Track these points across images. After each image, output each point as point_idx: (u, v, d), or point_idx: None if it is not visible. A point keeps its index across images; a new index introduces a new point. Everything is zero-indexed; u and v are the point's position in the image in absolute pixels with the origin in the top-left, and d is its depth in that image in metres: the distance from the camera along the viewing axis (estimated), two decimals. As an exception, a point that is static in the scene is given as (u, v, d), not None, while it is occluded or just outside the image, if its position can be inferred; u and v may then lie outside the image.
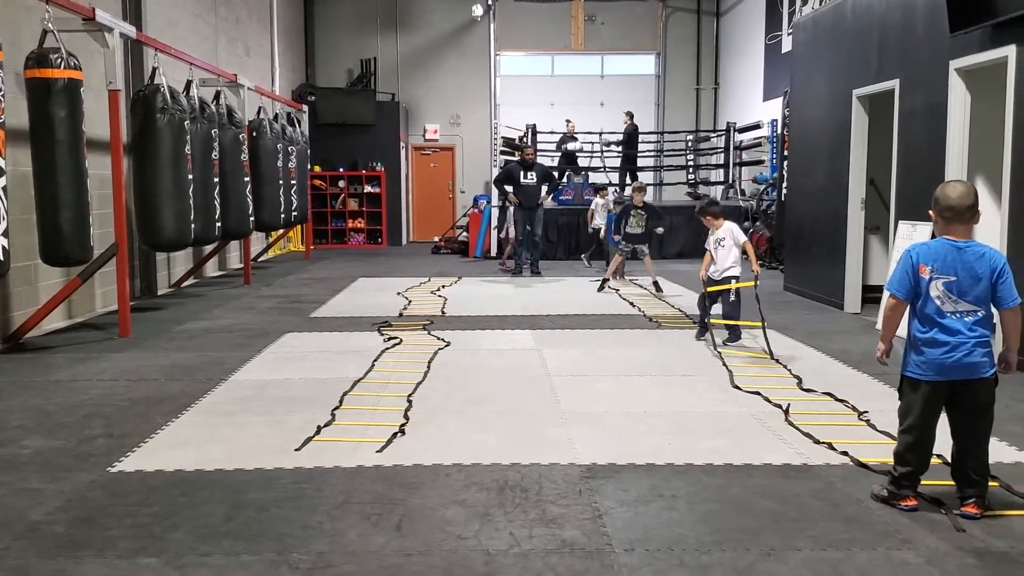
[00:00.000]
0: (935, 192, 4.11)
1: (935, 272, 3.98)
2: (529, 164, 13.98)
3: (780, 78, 16.36)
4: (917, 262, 4.03)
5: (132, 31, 9.18)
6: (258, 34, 17.30)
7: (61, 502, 4.19)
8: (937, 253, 4.02)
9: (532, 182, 13.91)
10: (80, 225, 7.92)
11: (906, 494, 4.11)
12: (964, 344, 3.94)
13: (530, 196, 13.91)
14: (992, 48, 7.45)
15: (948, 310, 3.97)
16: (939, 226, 4.09)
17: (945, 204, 4.01)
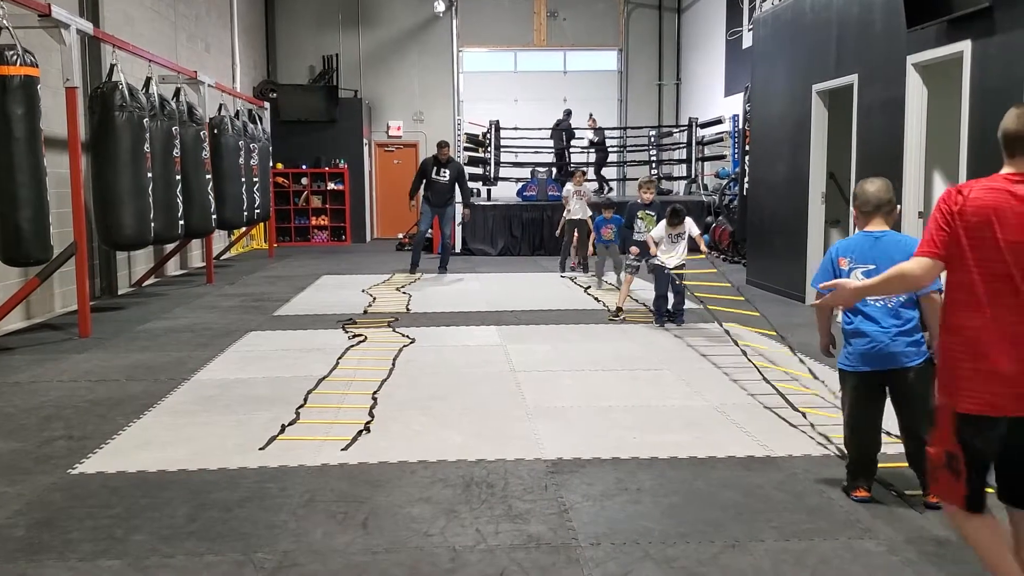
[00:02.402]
0: (854, 190, 4.24)
1: (853, 262, 4.06)
2: (443, 161, 13.50)
3: (741, 73, 16.49)
4: (836, 255, 4.14)
5: (89, 27, 9.05)
6: (218, 30, 17.13)
7: (21, 505, 4.13)
8: (854, 244, 4.15)
9: (444, 179, 13.46)
10: (40, 224, 7.79)
11: (856, 485, 4.17)
12: (886, 332, 4.00)
13: (440, 193, 13.48)
14: (948, 43, 7.57)
15: (870, 299, 4.03)
16: (860, 221, 4.19)
17: (863, 199, 4.12)
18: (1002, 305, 2.73)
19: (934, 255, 2.83)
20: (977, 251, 2.75)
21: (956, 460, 2.80)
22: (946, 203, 2.82)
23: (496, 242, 17.34)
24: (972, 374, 2.76)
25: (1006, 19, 6.80)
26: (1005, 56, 6.81)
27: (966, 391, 2.77)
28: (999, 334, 2.72)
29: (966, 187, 2.83)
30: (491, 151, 18.92)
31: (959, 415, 2.79)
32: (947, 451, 2.82)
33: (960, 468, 2.79)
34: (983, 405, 2.75)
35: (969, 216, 2.76)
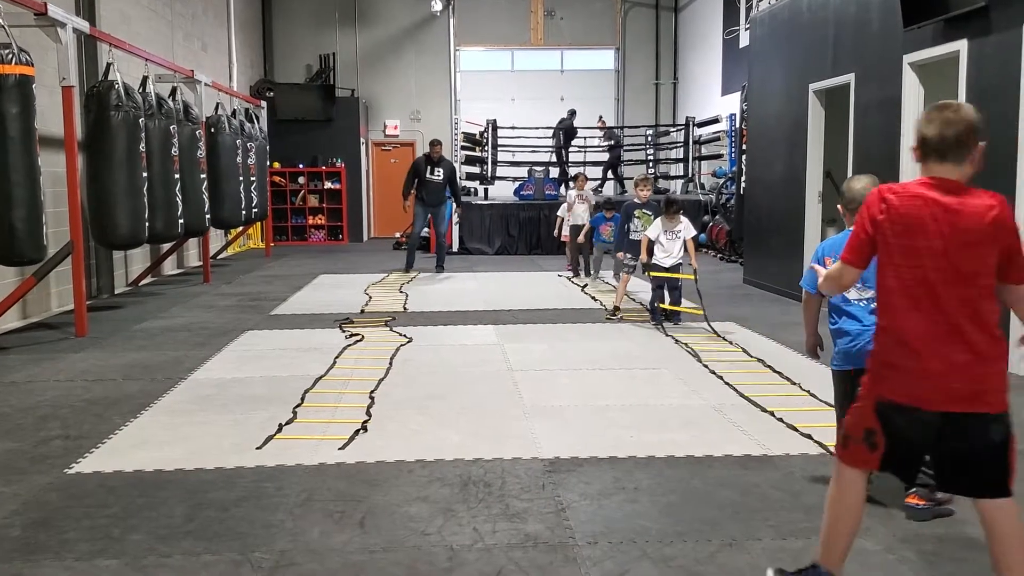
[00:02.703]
0: (842, 188, 4.25)
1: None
2: (436, 160, 13.44)
3: (738, 73, 16.49)
4: (822, 255, 4.12)
5: (85, 26, 9.04)
6: (215, 29, 17.11)
7: (17, 505, 4.13)
8: (840, 243, 4.07)
9: (438, 179, 13.39)
10: (34, 224, 7.77)
11: None
12: (868, 330, 3.93)
13: (433, 193, 13.40)
14: (944, 42, 7.58)
15: (853, 298, 4.04)
16: (848, 219, 4.18)
17: (850, 196, 4.10)
18: (928, 308, 2.81)
19: (852, 263, 2.94)
20: (904, 256, 2.81)
21: (874, 434, 2.89)
22: (870, 209, 2.87)
23: (493, 241, 17.34)
24: (903, 372, 2.85)
25: (1002, 18, 6.81)
26: (1001, 55, 6.82)
27: (895, 383, 2.86)
28: (928, 335, 2.80)
29: (890, 192, 2.87)
30: (488, 150, 18.92)
31: (883, 401, 2.88)
32: (866, 428, 2.91)
33: (878, 442, 2.89)
34: (911, 399, 2.84)
35: (896, 222, 2.81)
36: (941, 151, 2.81)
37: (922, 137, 2.84)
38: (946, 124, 2.80)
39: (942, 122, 2.81)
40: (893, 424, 2.87)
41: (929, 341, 2.80)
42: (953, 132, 2.79)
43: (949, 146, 2.80)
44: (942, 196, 2.79)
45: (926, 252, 2.78)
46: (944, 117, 2.81)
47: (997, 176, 6.82)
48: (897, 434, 2.87)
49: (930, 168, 2.85)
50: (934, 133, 2.81)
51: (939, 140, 2.81)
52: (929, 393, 2.81)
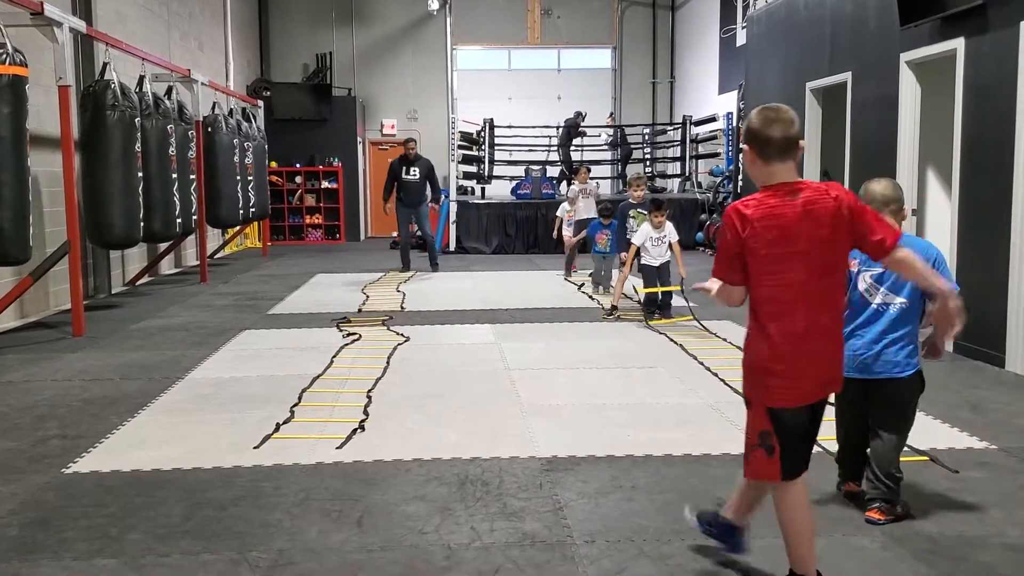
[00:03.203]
0: (859, 191, 4.12)
1: (862, 264, 3.93)
2: (412, 158, 13.22)
3: (735, 71, 16.50)
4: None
5: (82, 26, 9.03)
6: (211, 28, 17.09)
7: (15, 504, 4.12)
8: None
9: (414, 178, 13.16)
10: (20, 224, 7.70)
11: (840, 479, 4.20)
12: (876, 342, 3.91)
13: (411, 192, 13.19)
14: (941, 41, 7.59)
15: (876, 302, 3.93)
16: None
17: (870, 198, 3.96)
18: (801, 309, 2.94)
19: (732, 281, 3.02)
20: (774, 264, 2.92)
21: (769, 436, 3.01)
22: (732, 227, 2.96)
23: (490, 240, 17.33)
24: (782, 374, 2.97)
25: (999, 17, 6.82)
26: (998, 54, 6.83)
27: (777, 389, 2.99)
28: (803, 335, 2.94)
29: (745, 207, 2.97)
30: (485, 149, 18.91)
31: (772, 410, 3.00)
32: (760, 431, 3.03)
33: (773, 444, 3.01)
34: (792, 400, 2.99)
35: (760, 234, 2.91)
36: (784, 150, 2.95)
37: (767, 138, 2.95)
38: (785, 124, 2.94)
39: (781, 123, 2.94)
40: (784, 423, 3.01)
41: (805, 341, 2.94)
42: (793, 132, 2.96)
43: (790, 145, 2.95)
44: (794, 199, 2.93)
45: (793, 256, 2.91)
46: (781, 118, 2.95)
47: (994, 173, 6.85)
48: (787, 430, 3.01)
49: (772, 167, 2.98)
50: (780, 134, 2.94)
51: (784, 140, 2.95)
52: (810, 388, 3.01)
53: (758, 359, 3.02)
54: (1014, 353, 6.64)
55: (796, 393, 2.99)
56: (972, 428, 5.24)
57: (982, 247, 7.06)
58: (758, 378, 3.03)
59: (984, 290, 6.99)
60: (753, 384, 3.06)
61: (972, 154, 7.20)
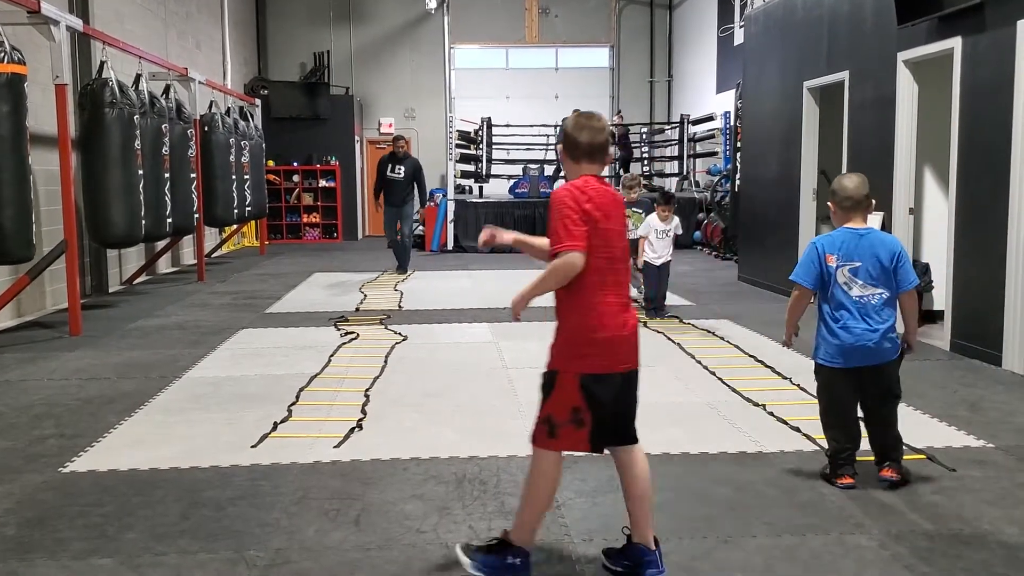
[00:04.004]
0: (832, 186, 4.34)
1: (840, 259, 4.17)
2: (400, 156, 12.89)
3: (733, 70, 16.50)
4: (823, 252, 4.21)
5: (79, 24, 9.01)
6: (209, 27, 17.08)
7: (11, 504, 4.12)
8: (839, 241, 4.22)
9: (399, 176, 12.83)
10: (22, 223, 7.72)
11: (843, 472, 4.25)
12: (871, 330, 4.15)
13: (395, 191, 12.88)
14: (938, 40, 7.59)
15: (855, 295, 4.15)
16: (839, 216, 4.28)
17: (844, 195, 4.23)
18: (612, 284, 3.25)
19: (582, 248, 3.15)
20: (602, 239, 3.19)
21: (581, 412, 3.21)
22: (577, 201, 3.17)
23: (488, 239, 17.30)
24: (600, 341, 3.20)
25: (996, 16, 6.82)
26: (995, 53, 6.83)
27: (594, 356, 3.20)
28: (615, 307, 3.24)
29: (583, 187, 3.21)
30: (483, 148, 18.90)
31: (586, 375, 3.19)
32: (573, 407, 3.21)
33: (584, 419, 3.21)
34: (606, 367, 3.22)
35: (594, 211, 3.18)
36: (589, 153, 3.28)
37: (574, 141, 3.28)
38: (599, 131, 3.29)
39: (596, 130, 3.29)
40: (594, 396, 3.20)
41: (617, 313, 3.25)
42: (599, 139, 3.29)
43: (594, 149, 3.28)
44: (610, 190, 3.33)
45: (613, 235, 3.24)
46: (597, 125, 3.30)
47: (991, 172, 6.85)
48: (598, 404, 3.21)
49: (580, 166, 3.30)
50: (599, 139, 3.29)
51: (603, 144, 3.30)
52: (622, 357, 3.26)
53: (581, 327, 3.22)
54: (1011, 352, 6.65)
55: (609, 359, 3.22)
56: (969, 426, 5.24)
57: (979, 245, 7.06)
58: (578, 345, 3.22)
59: (981, 288, 7.00)
60: (571, 353, 3.23)
61: (969, 153, 7.20)
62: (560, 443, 3.27)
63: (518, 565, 3.26)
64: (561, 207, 3.17)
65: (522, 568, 3.26)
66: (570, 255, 3.13)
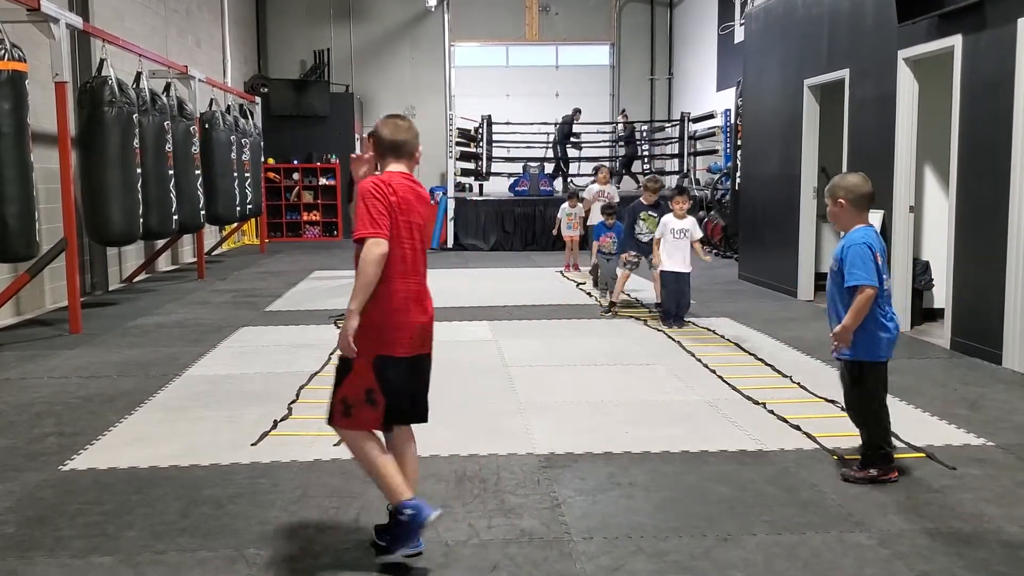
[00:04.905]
0: (839, 183, 4.34)
1: (881, 255, 4.23)
2: None
3: (733, 68, 16.49)
4: (873, 250, 4.20)
5: (79, 22, 9.00)
6: (209, 25, 17.06)
7: (11, 502, 4.12)
8: (875, 238, 4.27)
9: None
10: (26, 220, 7.73)
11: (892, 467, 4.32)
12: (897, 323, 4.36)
13: None
14: (939, 38, 7.58)
15: (887, 288, 4.28)
16: (851, 215, 4.29)
17: (860, 192, 4.27)
18: (414, 271, 3.48)
19: (384, 236, 3.35)
20: (404, 231, 3.43)
21: (374, 392, 3.41)
22: (382, 193, 3.38)
23: (488, 237, 17.32)
24: (398, 325, 3.42)
25: (997, 13, 6.81)
26: (996, 51, 6.82)
27: (391, 341, 3.41)
28: (413, 294, 3.47)
29: (388, 180, 3.44)
30: (483, 146, 18.89)
31: (383, 357, 3.39)
32: (367, 388, 3.40)
33: (378, 399, 3.41)
34: (403, 348, 3.43)
35: (397, 204, 3.40)
36: (410, 152, 3.57)
37: (393, 140, 3.54)
38: (402, 130, 3.56)
39: (399, 128, 3.56)
40: (386, 377, 3.41)
41: (415, 300, 3.47)
42: (405, 136, 3.56)
43: (405, 146, 3.55)
44: (414, 184, 3.55)
45: (414, 228, 3.47)
46: (401, 124, 3.57)
47: (992, 170, 6.84)
48: (390, 385, 3.42)
49: (387, 161, 3.55)
50: (399, 137, 3.55)
51: (404, 142, 3.55)
52: (416, 343, 3.47)
53: (382, 311, 3.39)
54: (1011, 350, 6.64)
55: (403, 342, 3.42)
56: (969, 425, 5.24)
57: (980, 244, 7.05)
58: (378, 329, 3.39)
59: (981, 287, 6.99)
60: (369, 337, 3.37)
61: (970, 151, 7.20)
62: (354, 422, 3.46)
63: (411, 514, 3.39)
64: (367, 197, 3.38)
65: (415, 514, 3.38)
66: (374, 241, 3.33)
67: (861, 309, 4.18)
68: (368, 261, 3.31)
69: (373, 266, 3.31)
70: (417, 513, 3.37)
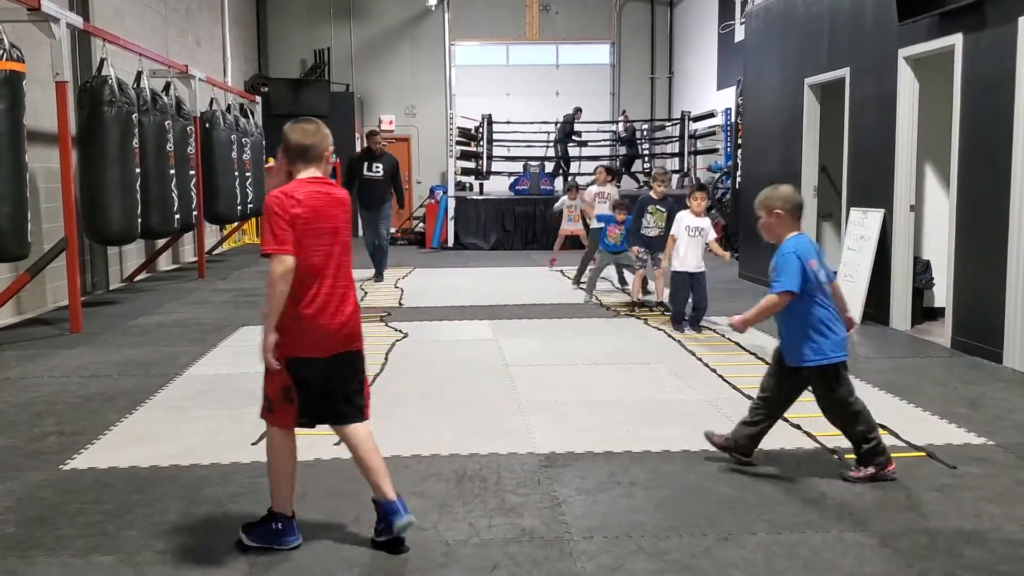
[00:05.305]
0: (771, 195, 4.49)
1: (818, 261, 4.32)
2: (376, 154, 11.58)
3: (734, 67, 16.48)
4: (806, 258, 4.27)
5: (79, 21, 9.01)
6: (209, 24, 17.06)
7: (11, 501, 4.12)
8: (812, 247, 4.38)
9: (378, 175, 11.54)
10: (18, 221, 7.68)
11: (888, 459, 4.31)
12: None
13: (373, 192, 11.61)
14: (939, 37, 7.57)
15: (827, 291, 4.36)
16: (786, 224, 4.41)
17: (795, 203, 4.43)
18: (330, 276, 3.57)
19: (289, 251, 3.45)
20: (313, 240, 3.50)
21: (291, 391, 3.52)
22: (282, 207, 3.47)
23: (488, 236, 17.32)
24: (310, 329, 3.52)
25: (997, 12, 6.81)
26: (996, 49, 6.82)
27: (306, 341, 3.51)
28: (330, 297, 3.56)
29: (291, 192, 3.51)
30: (483, 145, 18.89)
31: (296, 359, 3.50)
32: (283, 386, 3.52)
33: (294, 397, 3.53)
34: (316, 351, 3.53)
35: (304, 214, 3.47)
36: (318, 155, 3.66)
37: (300, 145, 3.64)
38: (309, 134, 3.67)
39: (306, 132, 3.67)
40: (301, 377, 3.51)
41: (331, 303, 3.55)
42: (313, 140, 3.67)
43: (321, 150, 3.67)
44: (328, 189, 3.62)
45: (325, 233, 3.55)
46: (308, 128, 3.69)
47: (993, 169, 6.84)
48: (305, 384, 3.53)
49: (296, 167, 3.64)
50: (306, 141, 3.65)
51: (316, 146, 3.66)
52: (330, 344, 3.56)
53: (293, 315, 3.49)
54: (1011, 349, 6.64)
55: (318, 343, 3.52)
56: (970, 424, 5.24)
57: (980, 242, 7.05)
58: (293, 331, 3.50)
59: (982, 286, 6.99)
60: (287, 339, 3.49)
61: (970, 150, 7.19)
62: (275, 418, 3.59)
63: (280, 529, 3.54)
64: (269, 213, 3.48)
65: (284, 531, 3.55)
66: (278, 259, 3.44)
67: (768, 308, 4.35)
68: (274, 277, 3.45)
69: (279, 282, 3.44)
70: (284, 531, 3.56)
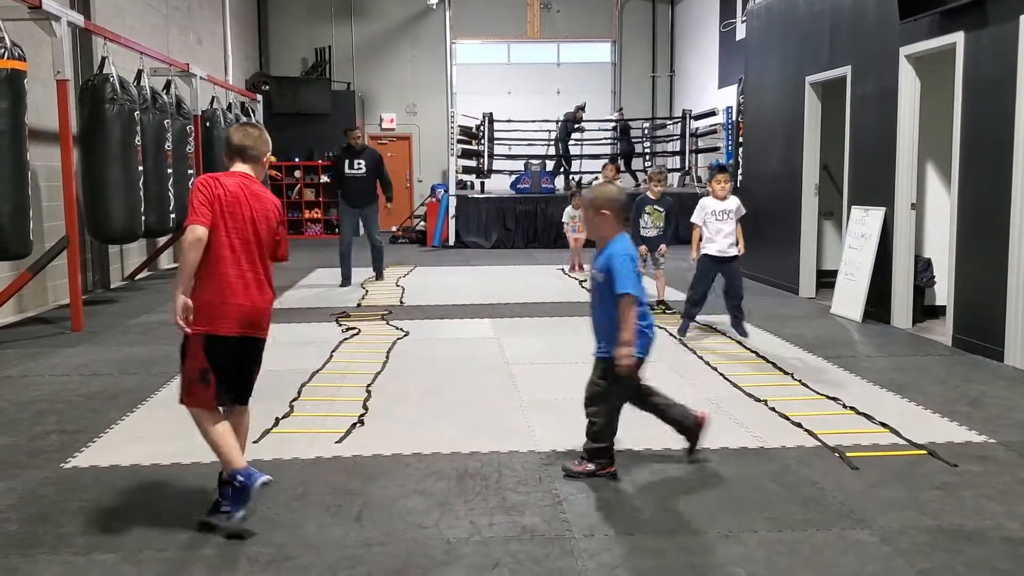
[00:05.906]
0: (600, 195, 4.40)
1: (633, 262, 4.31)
2: (357, 150, 11.26)
3: (735, 65, 16.48)
4: (634, 259, 4.29)
5: (80, 19, 9.01)
6: (210, 22, 17.06)
7: (13, 499, 4.12)
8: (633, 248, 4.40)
9: (360, 172, 11.16)
10: (20, 219, 7.70)
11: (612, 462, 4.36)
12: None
13: (357, 190, 11.21)
14: (941, 35, 7.57)
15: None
16: (612, 224, 4.33)
17: (621, 203, 4.38)
18: (246, 260, 3.82)
19: (204, 223, 3.69)
20: (231, 222, 3.77)
21: (207, 372, 3.76)
22: (205, 186, 3.76)
23: (490, 235, 17.31)
24: (226, 308, 3.75)
25: (998, 10, 6.81)
26: (998, 47, 6.82)
27: (220, 320, 3.75)
28: (244, 280, 3.80)
29: (217, 177, 3.83)
30: (484, 144, 18.89)
31: (211, 337, 3.74)
32: (200, 368, 3.76)
33: (210, 379, 3.77)
34: (230, 329, 3.77)
35: (225, 199, 3.76)
36: (254, 157, 3.97)
37: (239, 145, 3.94)
38: (255, 138, 3.96)
39: (254, 137, 3.95)
40: (216, 356, 3.76)
41: (245, 285, 3.80)
42: (252, 142, 3.95)
43: (258, 152, 3.97)
44: (252, 185, 3.90)
45: (244, 220, 3.80)
46: (250, 131, 3.97)
47: (994, 168, 6.84)
48: (219, 364, 3.77)
49: (234, 163, 3.95)
50: (251, 143, 3.95)
51: (253, 148, 3.95)
52: (243, 324, 3.81)
53: (211, 294, 3.74)
54: (1013, 347, 6.64)
55: (229, 322, 3.76)
56: (971, 422, 5.24)
57: (981, 241, 7.05)
58: (208, 311, 3.73)
59: (983, 284, 6.99)
60: (201, 318, 3.73)
61: (972, 148, 7.19)
62: (193, 400, 3.81)
63: (243, 480, 3.69)
64: (194, 190, 3.76)
65: (247, 479, 3.69)
66: (191, 228, 3.67)
67: (629, 316, 4.19)
68: (185, 244, 3.70)
69: (190, 250, 3.68)
70: (247, 479, 3.69)
